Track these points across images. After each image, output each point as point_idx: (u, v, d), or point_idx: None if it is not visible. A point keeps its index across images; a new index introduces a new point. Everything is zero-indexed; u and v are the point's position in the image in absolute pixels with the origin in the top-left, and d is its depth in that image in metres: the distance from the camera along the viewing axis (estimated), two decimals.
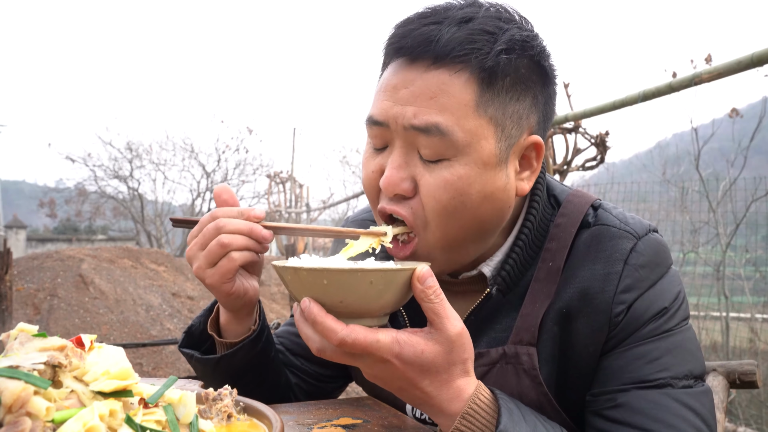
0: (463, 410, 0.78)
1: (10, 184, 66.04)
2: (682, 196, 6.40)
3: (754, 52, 2.15)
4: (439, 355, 0.76)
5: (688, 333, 0.92)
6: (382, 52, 0.94)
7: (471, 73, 0.84)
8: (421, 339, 0.76)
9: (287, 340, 1.24)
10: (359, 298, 0.74)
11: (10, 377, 0.52)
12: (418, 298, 0.76)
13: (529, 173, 0.94)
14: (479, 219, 0.90)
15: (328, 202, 13.47)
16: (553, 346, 0.92)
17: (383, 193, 0.91)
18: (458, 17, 0.86)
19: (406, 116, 0.86)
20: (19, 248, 18.05)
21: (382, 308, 0.78)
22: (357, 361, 0.77)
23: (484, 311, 0.98)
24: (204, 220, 0.93)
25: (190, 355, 1.06)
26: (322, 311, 0.74)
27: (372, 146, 0.93)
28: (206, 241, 0.91)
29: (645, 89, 2.75)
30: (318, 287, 0.74)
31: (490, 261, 0.97)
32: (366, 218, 1.20)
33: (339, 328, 0.73)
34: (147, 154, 19.91)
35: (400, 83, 0.87)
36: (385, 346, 0.74)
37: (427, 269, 0.76)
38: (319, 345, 0.78)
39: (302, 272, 0.74)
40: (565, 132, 3.80)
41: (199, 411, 0.69)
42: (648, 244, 0.92)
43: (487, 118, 0.86)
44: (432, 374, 0.77)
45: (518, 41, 0.86)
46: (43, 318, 6.50)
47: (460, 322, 0.77)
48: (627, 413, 0.86)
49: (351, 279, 0.73)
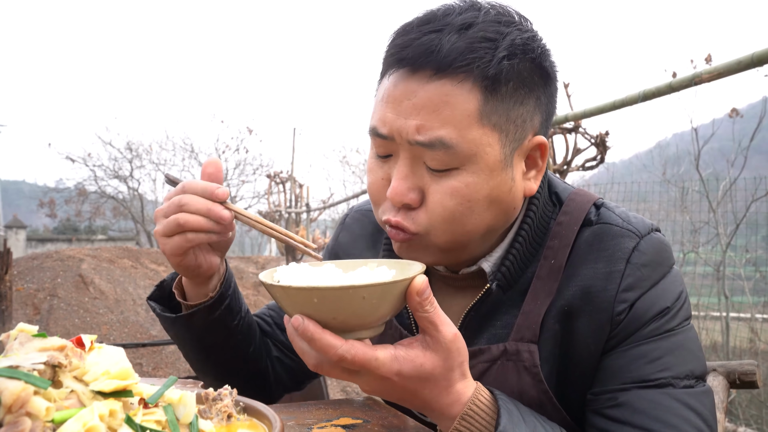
0: (462, 411, 0.79)
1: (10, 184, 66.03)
2: (682, 196, 6.40)
3: (754, 52, 2.15)
4: (437, 365, 0.76)
5: (690, 333, 0.92)
6: (382, 62, 0.93)
7: (474, 82, 0.84)
8: (419, 352, 0.75)
9: (277, 314, 1.25)
10: (352, 313, 0.72)
11: (10, 377, 0.51)
12: (413, 308, 0.75)
13: (535, 172, 0.95)
14: (485, 223, 0.90)
15: (328, 202, 13.46)
16: (554, 344, 0.93)
17: (390, 202, 0.91)
18: (458, 24, 0.85)
19: (410, 132, 0.85)
20: (19, 248, 18.04)
21: (378, 319, 0.76)
22: (354, 377, 0.77)
23: (484, 307, 0.98)
24: (175, 191, 0.94)
25: (153, 308, 1.08)
26: (318, 327, 0.72)
27: (377, 157, 0.93)
28: (168, 212, 0.92)
29: (645, 89, 2.74)
30: (309, 305, 0.72)
31: (490, 257, 0.97)
32: (370, 209, 1.20)
33: (338, 344, 0.72)
34: (147, 154, 19.94)
35: (402, 94, 0.87)
36: (384, 364, 0.73)
37: (424, 281, 0.74)
38: (315, 361, 0.77)
39: (291, 291, 0.72)
40: (565, 132, 3.79)
41: (199, 411, 0.69)
42: (650, 243, 0.92)
43: (490, 126, 0.86)
44: (431, 384, 0.77)
45: (519, 45, 0.86)
46: (43, 318, 6.50)
47: (453, 327, 0.77)
48: (627, 412, 0.86)
49: (342, 296, 0.70)
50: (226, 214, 0.91)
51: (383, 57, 0.92)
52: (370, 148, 0.96)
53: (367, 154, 0.98)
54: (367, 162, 0.97)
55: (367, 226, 1.19)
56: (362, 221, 1.21)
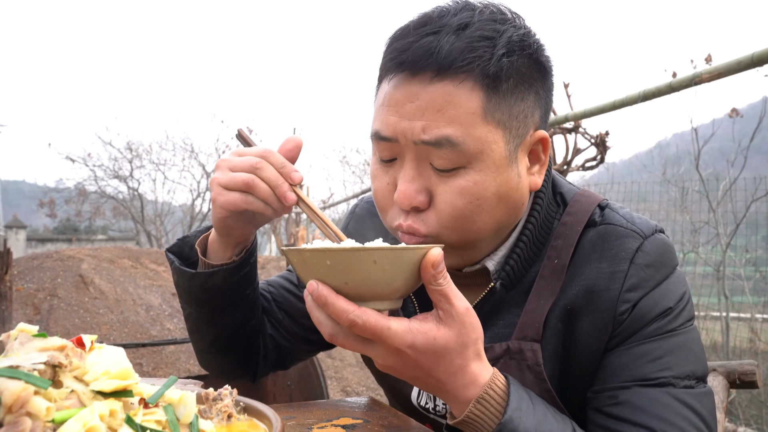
0: (478, 395, 0.78)
1: (10, 184, 66.02)
2: (682, 196, 6.40)
3: (754, 52, 2.14)
4: (451, 339, 0.75)
5: (692, 334, 0.92)
6: (380, 68, 0.93)
7: (475, 81, 0.84)
8: (432, 325, 0.75)
9: (277, 291, 1.25)
10: (365, 279, 0.72)
11: (10, 377, 0.51)
12: (426, 281, 0.74)
13: (539, 167, 0.95)
14: (495, 219, 0.90)
15: (328, 202, 13.48)
16: (557, 343, 0.93)
17: (398, 206, 0.91)
18: (455, 24, 0.85)
19: (415, 132, 0.86)
20: (19, 248, 18.05)
21: (393, 291, 0.76)
22: (369, 348, 0.76)
23: (487, 306, 0.98)
24: (253, 151, 0.94)
25: (171, 261, 1.08)
26: (332, 292, 0.73)
27: (381, 162, 0.93)
28: (237, 167, 0.92)
29: (645, 89, 2.74)
30: (322, 269, 0.73)
31: (494, 255, 0.97)
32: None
33: (350, 309, 0.72)
34: (147, 154, 19.92)
35: (405, 98, 0.87)
36: (397, 334, 0.73)
37: (440, 253, 0.74)
38: (330, 330, 0.77)
39: (305, 253, 0.73)
40: (565, 132, 3.79)
41: (199, 411, 0.69)
42: (654, 243, 0.93)
43: (494, 123, 0.86)
44: (446, 361, 0.76)
45: (516, 42, 0.87)
46: (43, 318, 6.50)
47: (465, 301, 0.76)
48: (628, 410, 0.86)
49: (354, 258, 0.71)
50: (293, 197, 0.92)
51: (381, 62, 0.92)
52: (372, 154, 0.96)
53: (368, 154, 0.99)
54: (371, 169, 0.97)
55: (377, 218, 1.18)
56: (373, 212, 1.21)
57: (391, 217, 0.93)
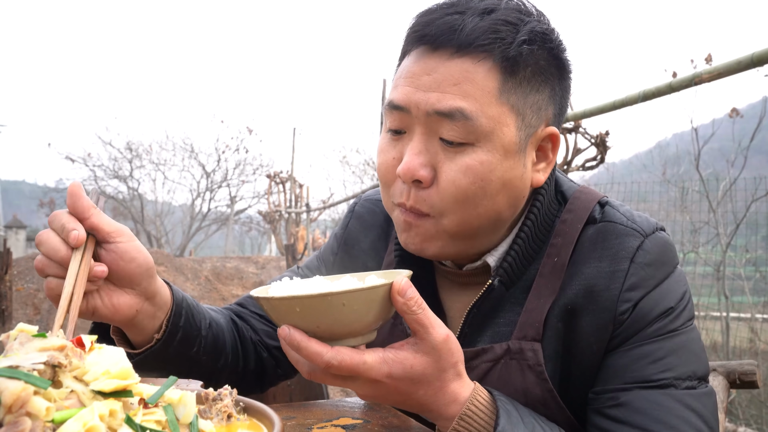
0: (461, 411, 0.79)
1: (10, 184, 66.00)
2: (682, 196, 6.41)
3: (754, 52, 2.14)
4: (428, 366, 0.76)
5: (693, 334, 0.92)
6: (403, 42, 0.94)
7: (494, 62, 0.85)
8: (408, 354, 0.76)
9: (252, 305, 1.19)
10: (335, 321, 0.73)
11: (10, 377, 0.51)
12: (401, 311, 0.75)
13: (545, 165, 0.95)
14: (496, 207, 0.90)
15: (328, 202, 13.48)
16: (557, 343, 0.92)
17: (400, 180, 0.90)
18: (480, 8, 0.87)
19: (430, 101, 0.86)
20: (19, 248, 18.06)
21: (366, 326, 0.76)
22: (348, 383, 0.77)
23: (487, 304, 0.98)
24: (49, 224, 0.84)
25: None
26: (305, 336, 0.73)
27: (390, 134, 0.93)
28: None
29: (645, 89, 2.74)
30: (293, 315, 0.73)
31: (495, 251, 0.97)
32: (380, 199, 1.17)
33: (324, 351, 0.73)
34: (147, 154, 19.96)
35: (422, 70, 0.88)
36: (373, 368, 0.74)
37: (405, 281, 0.75)
38: (308, 369, 0.78)
39: (274, 302, 0.74)
40: (565, 132, 3.80)
41: (199, 411, 0.69)
42: (655, 242, 0.92)
43: (509, 105, 0.87)
44: (425, 385, 0.77)
45: (539, 33, 0.88)
46: (43, 318, 6.50)
47: (444, 329, 0.77)
48: (628, 412, 0.85)
49: (322, 304, 0.71)
50: (75, 238, 0.78)
51: (404, 36, 0.93)
52: (382, 130, 0.96)
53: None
54: (379, 143, 0.97)
55: (378, 216, 1.17)
56: (373, 210, 1.19)
57: (393, 194, 0.93)
